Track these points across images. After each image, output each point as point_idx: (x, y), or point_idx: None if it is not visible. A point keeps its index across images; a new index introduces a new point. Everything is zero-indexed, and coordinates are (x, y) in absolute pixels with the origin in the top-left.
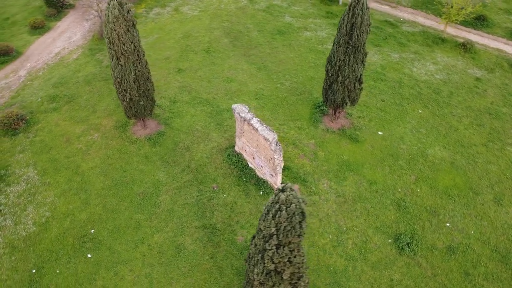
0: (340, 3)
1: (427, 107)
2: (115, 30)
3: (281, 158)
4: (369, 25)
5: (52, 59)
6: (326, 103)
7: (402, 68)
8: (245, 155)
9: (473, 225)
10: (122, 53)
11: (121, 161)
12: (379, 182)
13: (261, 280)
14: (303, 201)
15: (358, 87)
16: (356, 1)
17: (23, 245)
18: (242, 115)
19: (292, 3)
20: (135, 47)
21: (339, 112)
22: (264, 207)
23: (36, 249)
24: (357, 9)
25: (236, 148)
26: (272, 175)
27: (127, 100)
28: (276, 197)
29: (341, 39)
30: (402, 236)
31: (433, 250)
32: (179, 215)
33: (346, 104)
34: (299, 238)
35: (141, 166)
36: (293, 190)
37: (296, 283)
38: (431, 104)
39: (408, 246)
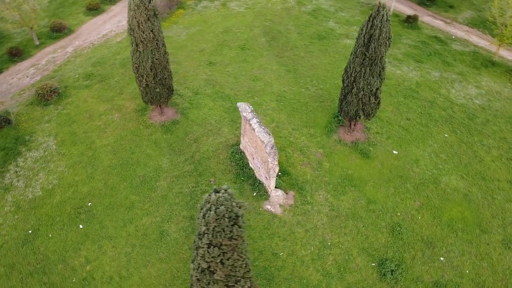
0: (391, 13)
1: (455, 132)
2: (136, 18)
3: (276, 163)
4: (389, 38)
5: (99, 39)
6: (341, 113)
7: (439, 88)
8: (246, 154)
9: (471, 264)
10: (141, 41)
11: (131, 143)
12: (378, 202)
13: (197, 277)
14: (240, 206)
15: (374, 101)
16: (377, 12)
17: (27, 207)
18: (244, 114)
19: (340, 8)
20: (154, 35)
21: (354, 125)
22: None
23: (37, 212)
24: (377, 21)
25: (241, 146)
26: (267, 178)
27: (144, 86)
28: (208, 197)
29: (358, 50)
30: (387, 262)
31: (418, 282)
32: (171, 203)
33: (360, 117)
34: (230, 241)
35: (148, 150)
36: (227, 192)
37: (233, 286)
38: (460, 130)
39: (392, 273)
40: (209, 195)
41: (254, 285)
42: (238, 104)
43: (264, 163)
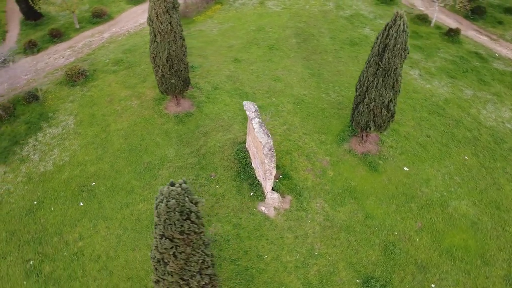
0: (432, 25)
1: (477, 155)
2: (154, 9)
3: (273, 165)
4: (405, 50)
5: (135, 28)
6: (352, 123)
7: (469, 107)
8: (250, 153)
9: None
10: (159, 32)
11: (143, 130)
12: (376, 218)
13: (155, 266)
14: (195, 202)
15: (386, 113)
16: (393, 22)
17: (37, 179)
18: (248, 112)
19: (380, 16)
20: (172, 27)
21: (366, 136)
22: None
23: (45, 186)
24: (392, 30)
25: (246, 145)
26: (264, 179)
27: (159, 76)
28: (162, 189)
29: (372, 59)
30: (373, 280)
31: None
32: None
33: (370, 128)
34: (182, 235)
35: (158, 139)
36: (181, 187)
37: (188, 280)
38: (483, 153)
39: None
40: (164, 187)
41: (215, 284)
42: (244, 102)
43: (262, 164)
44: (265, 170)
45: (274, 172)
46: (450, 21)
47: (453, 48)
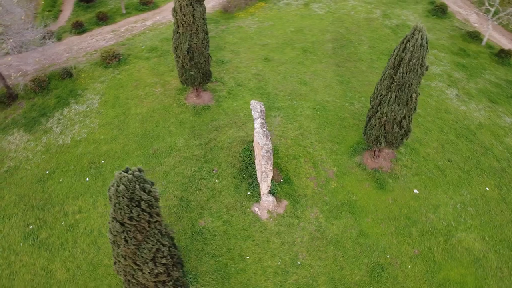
0: (484, 43)
1: (500, 187)
2: (179, 1)
3: (270, 167)
4: (422, 65)
5: None
6: (364, 136)
7: (504, 136)
8: (255, 153)
9: None
10: (181, 23)
11: (160, 117)
12: (371, 237)
13: (112, 247)
14: (148, 191)
15: (397, 130)
16: (411, 35)
17: (54, 151)
18: (253, 112)
19: (428, 29)
20: (195, 20)
21: (378, 151)
22: None
23: (59, 158)
24: (409, 44)
25: (253, 144)
26: (261, 181)
27: (180, 66)
28: (116, 174)
29: (387, 72)
30: None
31: None
32: (169, 180)
33: (380, 144)
34: (130, 221)
35: (171, 128)
36: (133, 174)
37: (141, 266)
38: (508, 187)
39: None
40: (118, 172)
41: (172, 274)
42: (252, 101)
43: (259, 165)
44: (261, 172)
45: (270, 174)
46: (506, 42)
47: (502, 71)
